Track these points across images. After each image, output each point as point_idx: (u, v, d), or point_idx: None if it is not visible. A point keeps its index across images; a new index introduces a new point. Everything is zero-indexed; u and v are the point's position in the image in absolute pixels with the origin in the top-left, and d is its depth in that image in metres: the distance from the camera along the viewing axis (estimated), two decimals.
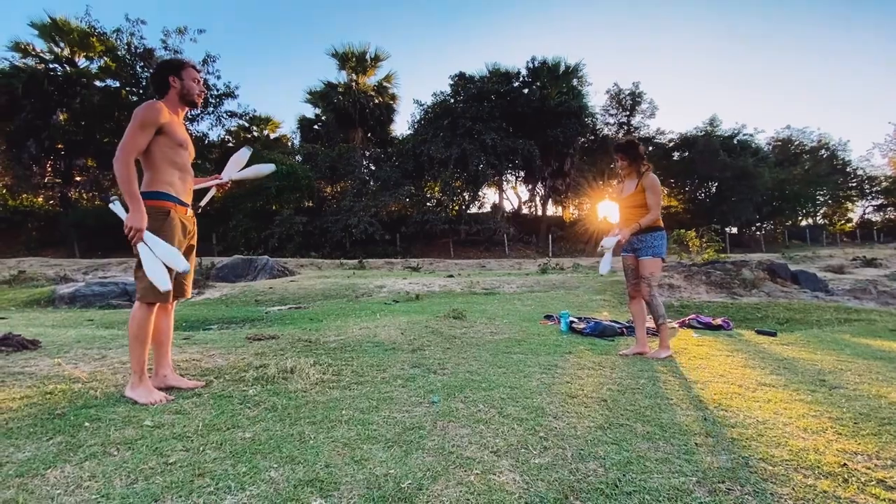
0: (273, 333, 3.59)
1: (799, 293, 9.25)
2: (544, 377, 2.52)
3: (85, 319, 5.40)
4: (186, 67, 2.18)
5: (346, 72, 26.65)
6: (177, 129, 2.11)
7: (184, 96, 2.18)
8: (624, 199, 3.31)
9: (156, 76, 2.19)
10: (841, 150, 34.61)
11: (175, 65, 2.18)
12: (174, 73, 2.15)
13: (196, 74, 2.21)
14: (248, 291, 8.14)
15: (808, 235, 30.99)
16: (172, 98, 2.16)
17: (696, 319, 4.89)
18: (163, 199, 2.07)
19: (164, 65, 2.20)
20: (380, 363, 2.72)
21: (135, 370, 2.06)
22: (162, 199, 2.07)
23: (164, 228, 2.05)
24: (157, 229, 2.03)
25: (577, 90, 25.35)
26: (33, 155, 21.85)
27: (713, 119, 29.29)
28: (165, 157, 2.09)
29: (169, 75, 2.14)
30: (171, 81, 2.14)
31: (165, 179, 2.09)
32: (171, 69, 2.16)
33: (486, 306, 6.15)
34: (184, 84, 2.16)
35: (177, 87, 2.15)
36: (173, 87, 2.15)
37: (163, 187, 2.08)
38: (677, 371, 2.76)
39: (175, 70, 2.16)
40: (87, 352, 2.94)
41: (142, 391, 2.03)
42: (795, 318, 6.58)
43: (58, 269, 12.54)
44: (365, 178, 24.64)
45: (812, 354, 3.35)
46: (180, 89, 2.16)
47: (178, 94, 2.17)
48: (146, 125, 2.00)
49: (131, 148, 1.98)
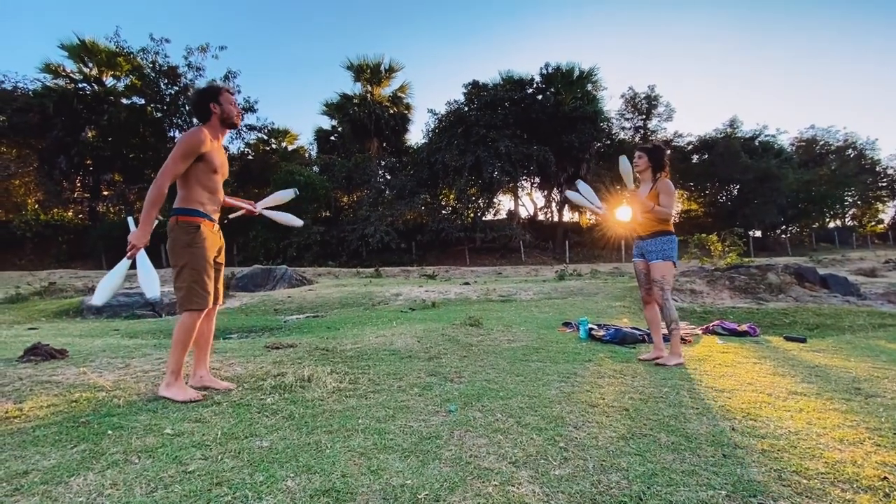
0: (291, 342, 3.62)
1: (829, 297, 8.92)
2: (563, 386, 2.47)
3: (111, 329, 5.54)
4: (223, 93, 2.32)
5: (361, 83, 27.07)
6: (215, 155, 2.26)
7: (224, 120, 2.31)
8: (639, 202, 3.27)
9: (198, 105, 2.30)
10: (869, 149, 33.50)
11: (213, 92, 2.30)
12: (213, 99, 2.28)
13: (231, 97, 2.34)
14: (267, 301, 8.25)
15: (836, 238, 29.94)
16: (214, 123, 2.30)
17: (721, 325, 4.75)
18: (194, 216, 2.23)
19: (203, 93, 2.31)
20: (396, 371, 2.71)
21: (172, 370, 2.19)
22: (193, 216, 2.22)
23: (196, 241, 2.21)
24: (189, 242, 2.19)
25: (591, 95, 25.19)
26: (63, 171, 22.74)
27: (733, 120, 28.71)
28: (199, 181, 2.23)
29: (210, 102, 2.27)
30: (212, 108, 2.28)
31: (197, 199, 2.24)
32: (211, 96, 2.28)
33: (502, 313, 6.09)
34: (223, 108, 2.29)
35: (217, 112, 2.28)
36: (214, 112, 2.28)
37: (194, 205, 2.23)
38: (702, 379, 2.67)
39: (214, 96, 2.28)
40: (111, 361, 3.00)
41: (176, 389, 2.17)
42: (826, 324, 6.33)
43: (86, 281, 12.94)
44: (380, 187, 24.87)
45: (845, 361, 3.21)
46: (221, 114, 2.29)
47: (220, 119, 2.30)
48: (188, 154, 2.15)
49: (171, 174, 2.12)
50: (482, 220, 24.56)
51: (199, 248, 2.20)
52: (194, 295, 2.18)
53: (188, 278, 2.18)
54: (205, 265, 2.22)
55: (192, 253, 2.19)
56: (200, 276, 2.20)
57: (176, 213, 2.21)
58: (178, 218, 2.21)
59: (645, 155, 3.24)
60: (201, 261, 2.20)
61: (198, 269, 2.19)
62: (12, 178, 22.10)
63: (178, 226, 2.21)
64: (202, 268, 2.20)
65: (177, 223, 2.21)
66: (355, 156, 24.71)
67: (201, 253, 2.20)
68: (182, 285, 2.19)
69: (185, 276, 2.19)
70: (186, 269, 2.19)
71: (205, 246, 2.22)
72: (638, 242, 3.32)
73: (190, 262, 2.19)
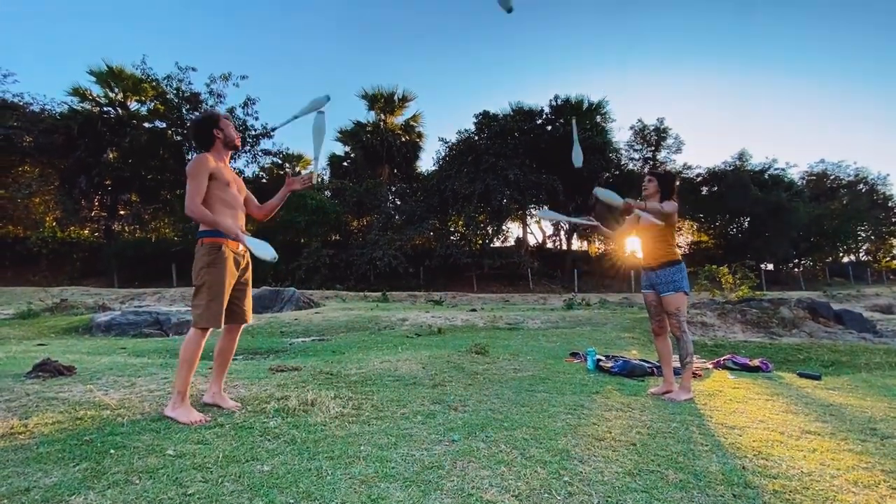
0: (296, 365, 3.61)
1: (844, 334, 8.71)
2: (570, 418, 2.42)
3: (118, 347, 5.57)
4: (221, 119, 2.46)
5: (375, 112, 27.76)
6: (224, 172, 2.40)
7: (227, 143, 2.46)
8: (643, 228, 3.25)
9: (200, 132, 2.44)
10: (881, 184, 33.25)
11: (214, 118, 2.45)
12: (215, 125, 2.44)
13: (230, 122, 2.49)
14: (274, 323, 8.27)
15: (851, 273, 29.39)
16: (218, 147, 2.44)
17: (732, 360, 4.65)
18: (216, 236, 2.32)
19: (204, 121, 2.46)
20: (400, 398, 2.68)
21: (178, 390, 2.22)
22: (215, 236, 2.32)
23: (217, 261, 2.30)
24: (211, 262, 2.28)
25: (600, 126, 25.53)
26: (84, 190, 23.34)
27: (742, 153, 28.79)
28: (218, 199, 2.35)
29: (212, 129, 2.42)
30: (215, 133, 2.43)
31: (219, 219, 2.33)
32: (213, 123, 2.44)
33: (509, 342, 6.03)
34: (225, 133, 2.44)
35: (220, 136, 2.43)
36: (218, 137, 2.43)
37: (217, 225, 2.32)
38: (712, 415, 2.61)
39: (216, 123, 2.44)
40: (117, 379, 3.02)
41: (182, 411, 2.19)
42: (842, 361, 6.16)
43: (97, 298, 13.09)
44: (390, 212, 25.13)
45: (861, 401, 3.12)
46: (224, 138, 2.44)
47: (223, 143, 2.45)
48: (200, 173, 2.28)
49: (195, 194, 2.26)
50: (490, 246, 24.60)
51: (218, 269, 2.28)
52: (209, 313, 2.25)
53: (205, 297, 2.26)
54: (222, 285, 2.29)
55: (212, 273, 2.27)
56: (217, 295, 2.27)
57: (200, 235, 2.33)
58: (202, 240, 2.32)
59: (655, 179, 3.22)
60: (219, 281, 2.28)
61: (215, 288, 2.27)
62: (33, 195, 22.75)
63: (202, 247, 2.32)
64: (219, 288, 2.28)
65: (201, 245, 2.32)
66: (367, 181, 25.10)
67: (220, 273, 2.28)
68: (199, 303, 2.26)
69: (202, 295, 2.27)
70: (204, 288, 2.27)
71: (225, 266, 2.30)
72: (647, 273, 3.25)
73: (208, 282, 2.27)
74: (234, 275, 2.38)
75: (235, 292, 2.42)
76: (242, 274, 2.46)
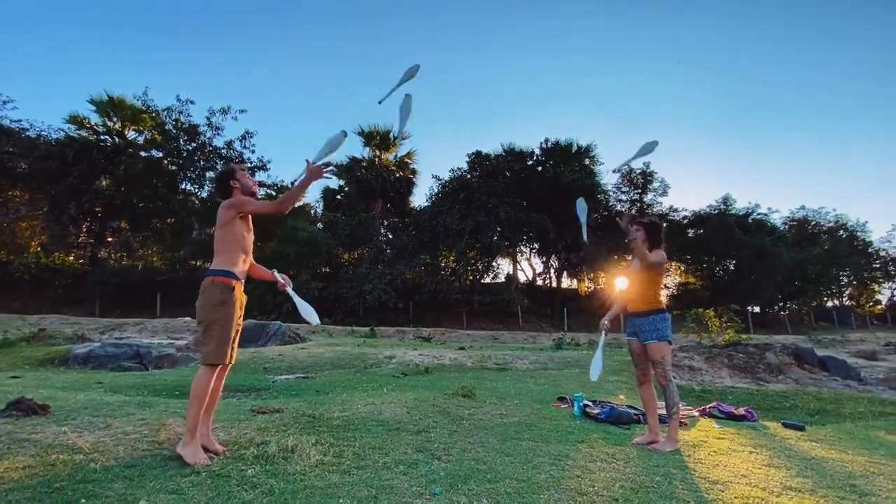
0: (278, 407, 3.55)
1: (829, 381, 8.77)
2: (553, 469, 2.40)
3: (95, 382, 5.41)
4: (237, 171, 2.65)
5: (370, 148, 28.36)
6: (247, 218, 2.58)
7: (245, 191, 2.61)
8: (631, 273, 3.31)
9: (220, 184, 2.64)
10: (860, 230, 34.27)
11: (231, 172, 2.65)
12: (232, 177, 2.61)
13: (245, 172, 2.68)
14: (258, 358, 8.11)
15: (835, 317, 29.80)
16: (236, 196, 2.59)
17: (718, 408, 4.66)
18: (229, 277, 2.42)
19: (223, 175, 2.66)
20: (382, 445, 2.65)
21: (189, 428, 2.26)
22: (228, 277, 2.41)
23: (229, 300, 2.38)
24: (223, 301, 2.36)
25: (589, 169, 26.27)
26: (72, 216, 23.19)
27: (726, 198, 29.67)
28: (238, 241, 2.48)
29: (229, 181, 2.60)
30: (232, 184, 2.59)
31: (233, 261, 2.46)
32: (230, 176, 2.63)
33: (496, 384, 5.98)
34: (242, 182, 2.61)
35: (237, 186, 2.60)
36: (235, 188, 2.59)
37: (230, 266, 2.44)
38: (696, 468, 2.60)
39: (232, 175, 2.63)
40: (93, 419, 2.93)
41: (190, 450, 2.21)
42: (826, 409, 6.19)
43: (76, 328, 12.76)
44: (382, 245, 25.22)
45: (842, 454, 3.13)
46: (241, 188, 2.60)
47: (241, 192, 2.61)
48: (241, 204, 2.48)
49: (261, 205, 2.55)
50: (481, 282, 24.63)
51: (230, 308, 2.37)
52: (220, 350, 2.32)
53: (216, 334, 2.33)
54: (231, 324, 2.38)
55: (224, 312, 2.36)
56: (227, 334, 2.36)
57: (212, 273, 2.40)
58: (213, 279, 2.38)
59: (642, 228, 3.24)
60: (230, 320, 2.37)
61: (226, 327, 2.36)
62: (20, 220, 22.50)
63: (213, 285, 2.38)
64: (229, 326, 2.37)
65: (213, 283, 2.38)
66: (360, 215, 25.32)
67: (231, 312, 2.37)
68: (210, 341, 2.33)
69: (213, 333, 2.33)
70: (216, 326, 2.34)
71: (235, 306, 2.40)
72: (631, 320, 3.29)
73: (220, 320, 2.34)
74: (240, 316, 2.49)
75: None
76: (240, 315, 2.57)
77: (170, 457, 2.24)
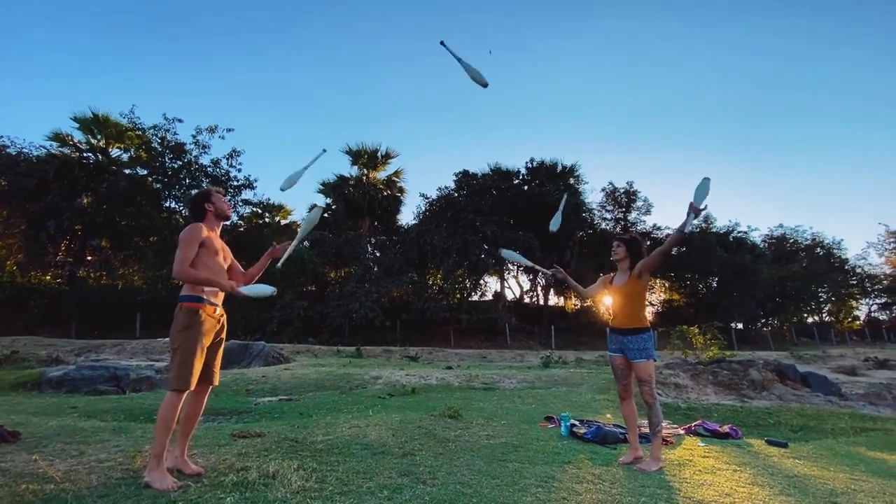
0: (259, 431, 3.46)
1: (811, 397, 8.89)
2: (540, 492, 2.39)
3: (69, 407, 5.23)
4: (213, 193, 2.66)
5: (358, 167, 28.47)
6: (214, 241, 2.54)
7: (218, 215, 2.64)
8: (615, 289, 3.32)
9: (194, 206, 2.63)
10: (836, 248, 35.33)
11: (206, 194, 2.65)
12: (207, 200, 2.62)
13: (221, 196, 2.68)
14: (240, 380, 7.92)
15: (816, 333, 30.40)
16: (210, 219, 2.61)
17: (703, 426, 4.68)
18: (194, 301, 2.41)
19: (198, 197, 2.66)
20: (367, 469, 2.60)
21: (155, 454, 2.22)
22: (194, 301, 2.41)
23: (192, 324, 2.37)
24: (187, 325, 2.36)
25: (574, 188, 26.74)
26: (51, 235, 22.63)
27: (708, 216, 30.35)
28: (205, 265, 2.46)
29: (204, 203, 2.60)
30: (207, 207, 2.60)
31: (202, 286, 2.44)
32: (205, 198, 2.62)
33: (484, 404, 5.92)
34: (216, 206, 2.62)
35: (212, 209, 2.62)
36: (209, 210, 2.60)
37: (197, 291, 2.43)
38: (681, 488, 2.61)
39: (207, 198, 2.63)
40: (65, 447, 2.83)
41: (157, 476, 2.17)
42: (809, 426, 6.26)
43: (51, 350, 12.34)
44: (369, 264, 25.09)
45: (824, 471, 3.17)
46: (215, 211, 2.62)
47: (214, 214, 2.63)
48: (192, 241, 2.42)
49: (184, 259, 2.39)
50: (468, 300, 24.59)
51: (193, 333, 2.36)
52: (182, 376, 2.31)
53: (178, 359, 2.33)
54: (195, 349, 2.36)
55: (186, 336, 2.35)
56: (190, 358, 2.33)
57: (181, 300, 2.43)
58: (182, 304, 2.41)
59: (623, 245, 3.28)
60: (193, 344, 2.35)
61: (189, 351, 2.34)
62: None
63: (180, 311, 2.40)
64: (193, 351, 2.35)
65: (180, 309, 2.40)
66: (347, 233, 25.23)
67: (195, 337, 2.36)
68: (173, 366, 2.34)
69: (177, 358, 2.34)
70: (179, 351, 2.34)
71: (200, 331, 2.38)
72: (615, 336, 3.25)
73: (182, 345, 2.34)
74: (210, 338, 2.46)
75: (209, 353, 2.50)
76: (217, 335, 2.55)
77: (143, 486, 2.17)
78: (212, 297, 2.48)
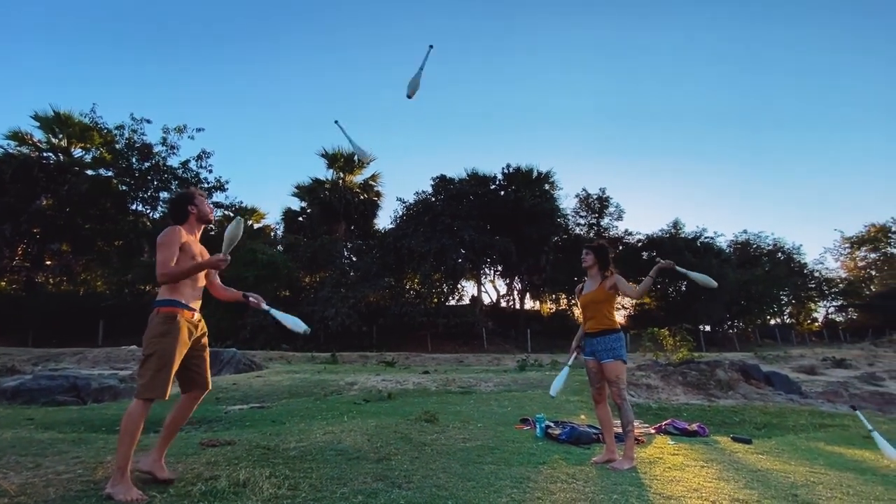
0: (230, 439, 3.37)
1: (774, 395, 9.25)
2: (515, 492, 2.40)
3: (24, 418, 4.95)
4: (197, 196, 2.60)
5: (334, 170, 28.17)
6: (192, 246, 2.45)
7: (200, 218, 2.57)
8: (585, 297, 3.42)
9: (176, 208, 2.54)
10: (796, 253, 37.05)
11: (189, 196, 2.59)
12: (190, 202, 2.54)
13: (204, 198, 2.61)
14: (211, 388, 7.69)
15: (778, 334, 31.71)
16: (192, 222, 2.53)
17: (672, 425, 4.82)
18: (172, 306, 2.33)
19: (180, 198, 2.58)
20: (341, 475, 2.56)
21: (119, 465, 2.11)
22: (171, 306, 2.33)
23: (170, 331, 2.28)
24: (164, 332, 2.26)
25: (549, 194, 27.18)
26: (7, 238, 21.48)
27: (676, 222, 31.40)
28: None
29: (188, 205, 2.53)
30: (189, 210, 2.51)
31: (178, 289, 2.36)
32: (188, 200, 2.55)
33: (460, 407, 5.92)
34: (199, 209, 2.54)
35: (195, 212, 2.53)
36: (192, 213, 2.52)
37: (174, 295, 2.34)
38: (651, 484, 2.67)
39: (191, 200, 2.55)
40: (20, 459, 2.69)
41: (121, 488, 2.07)
42: (773, 423, 6.51)
43: (6, 360, 11.67)
44: (345, 268, 24.79)
45: (786, 465, 3.30)
46: (198, 213, 2.55)
47: (196, 218, 2.56)
48: (171, 244, 2.33)
49: (166, 262, 2.30)
50: (446, 305, 24.60)
51: (170, 339, 2.26)
52: (156, 383, 2.21)
53: (153, 367, 2.22)
54: (172, 356, 2.25)
55: (163, 343, 2.24)
56: (166, 366, 2.23)
57: (157, 304, 2.33)
58: (158, 309, 2.31)
59: (591, 252, 3.40)
60: (170, 351, 2.24)
61: (165, 358, 2.23)
62: None
63: (157, 316, 2.29)
64: (169, 358, 2.24)
65: (157, 314, 2.30)
66: (322, 237, 24.88)
67: (172, 344, 2.26)
68: (146, 373, 2.23)
69: (150, 365, 2.22)
70: (154, 358, 2.22)
71: (178, 337, 2.29)
72: (588, 340, 3.36)
73: (158, 352, 2.23)
74: (187, 344, 2.37)
75: (194, 360, 2.43)
76: (198, 341, 2.46)
77: (105, 498, 2.08)
78: (191, 302, 2.40)
